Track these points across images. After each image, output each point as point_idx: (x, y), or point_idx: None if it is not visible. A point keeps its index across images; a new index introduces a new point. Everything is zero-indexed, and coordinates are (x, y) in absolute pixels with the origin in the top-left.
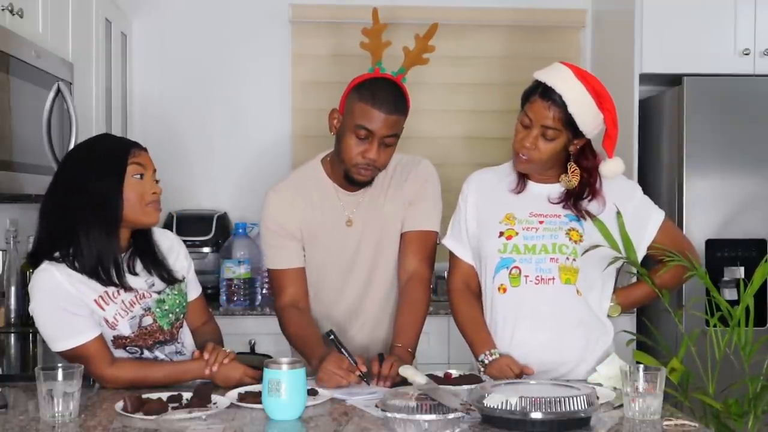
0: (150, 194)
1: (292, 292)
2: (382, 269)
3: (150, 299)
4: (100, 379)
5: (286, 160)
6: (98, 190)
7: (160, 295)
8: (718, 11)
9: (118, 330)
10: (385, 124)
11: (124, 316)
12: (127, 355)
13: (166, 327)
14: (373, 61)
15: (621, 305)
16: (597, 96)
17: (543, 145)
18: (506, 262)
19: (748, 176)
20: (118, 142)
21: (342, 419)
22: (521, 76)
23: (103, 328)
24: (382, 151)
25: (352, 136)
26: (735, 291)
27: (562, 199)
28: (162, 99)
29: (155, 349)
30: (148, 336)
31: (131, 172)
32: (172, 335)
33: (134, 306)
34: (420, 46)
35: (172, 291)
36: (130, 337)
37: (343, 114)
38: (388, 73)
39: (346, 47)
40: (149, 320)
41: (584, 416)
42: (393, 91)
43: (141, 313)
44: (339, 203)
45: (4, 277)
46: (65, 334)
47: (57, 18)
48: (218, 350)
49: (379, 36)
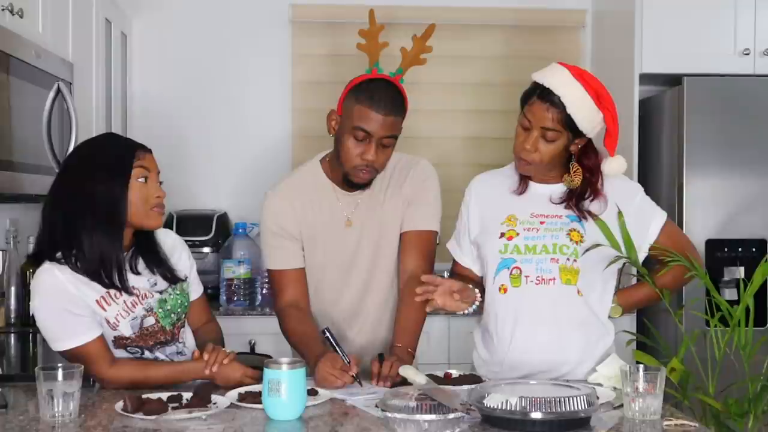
0: (154, 198)
1: (292, 292)
2: (381, 269)
3: (152, 299)
4: (100, 380)
5: (286, 160)
6: (103, 192)
7: (162, 294)
8: (718, 11)
9: (119, 331)
10: (383, 126)
11: (126, 317)
12: (127, 355)
13: (168, 327)
14: (371, 62)
15: (622, 306)
16: (596, 95)
17: (544, 147)
18: (507, 262)
19: (748, 176)
20: (124, 143)
21: (342, 419)
22: (521, 76)
23: (104, 328)
24: (381, 153)
25: (351, 138)
26: (735, 291)
27: (564, 199)
28: (162, 99)
29: (156, 349)
30: (149, 336)
31: (136, 176)
32: (174, 335)
33: (136, 307)
34: (417, 47)
35: (174, 291)
36: (131, 338)
37: (341, 116)
38: (385, 74)
39: (346, 47)
40: (151, 320)
41: (584, 416)
42: (391, 92)
43: (143, 314)
44: (338, 203)
45: (4, 277)
46: (66, 335)
47: (57, 18)
48: (218, 351)
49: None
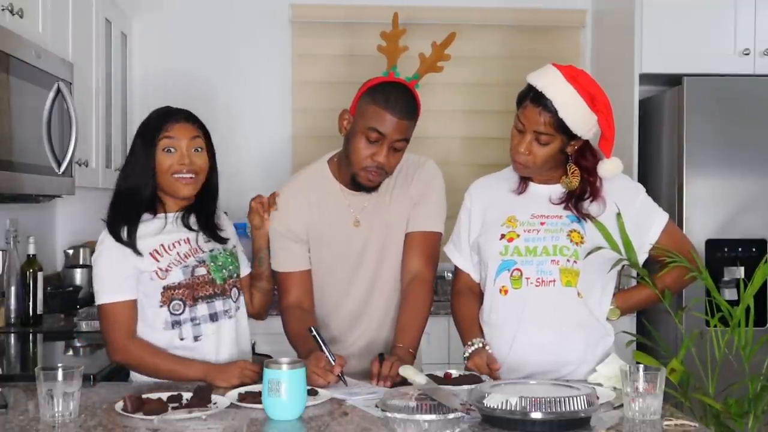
0: (176, 166)
1: (296, 293)
2: (387, 270)
3: (204, 254)
4: (114, 351)
5: (287, 160)
6: (138, 161)
7: (213, 251)
8: (718, 11)
9: (169, 278)
10: (396, 128)
11: (178, 266)
12: (169, 314)
13: (219, 281)
14: (389, 65)
15: (620, 308)
16: (590, 97)
17: (538, 150)
18: (508, 264)
19: (748, 176)
20: (157, 115)
21: (342, 419)
22: (521, 76)
23: (154, 281)
24: (392, 156)
25: (363, 139)
26: (735, 291)
27: (563, 200)
28: (162, 99)
29: (200, 302)
30: (198, 286)
31: (162, 146)
32: (225, 291)
33: (188, 258)
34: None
35: (225, 251)
36: (181, 285)
37: (354, 116)
38: (402, 78)
39: (346, 47)
40: (203, 271)
41: (584, 416)
42: (406, 96)
43: (194, 264)
44: (345, 204)
45: (4, 277)
46: (112, 288)
47: (57, 18)
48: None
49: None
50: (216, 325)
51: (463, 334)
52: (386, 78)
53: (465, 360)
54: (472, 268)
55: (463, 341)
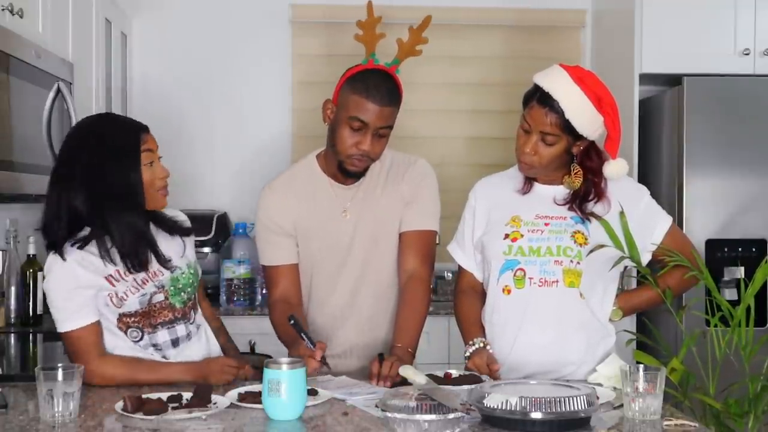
0: (159, 179)
1: (284, 287)
2: (376, 264)
3: (164, 277)
4: (90, 377)
5: (286, 160)
6: (120, 181)
7: (175, 272)
8: (718, 11)
9: (125, 306)
10: (379, 116)
11: (135, 293)
12: (127, 340)
13: (178, 305)
14: (367, 52)
15: (623, 309)
16: (596, 98)
17: (543, 150)
18: (511, 263)
19: (748, 176)
20: (127, 128)
21: (342, 419)
22: (521, 77)
23: (109, 307)
24: (376, 143)
25: (346, 128)
26: (735, 291)
27: (568, 201)
28: (162, 99)
29: (159, 329)
30: (156, 314)
31: (144, 161)
32: (185, 314)
33: (146, 284)
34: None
35: (189, 269)
36: (137, 314)
37: (336, 105)
38: (381, 65)
39: (346, 47)
40: (160, 297)
41: (584, 416)
42: (386, 82)
43: (153, 290)
44: (334, 196)
45: (4, 277)
46: (69, 315)
47: (57, 18)
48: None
49: (373, 28)
50: (178, 349)
51: (465, 333)
52: (366, 66)
53: (466, 359)
54: (476, 267)
55: (464, 341)
